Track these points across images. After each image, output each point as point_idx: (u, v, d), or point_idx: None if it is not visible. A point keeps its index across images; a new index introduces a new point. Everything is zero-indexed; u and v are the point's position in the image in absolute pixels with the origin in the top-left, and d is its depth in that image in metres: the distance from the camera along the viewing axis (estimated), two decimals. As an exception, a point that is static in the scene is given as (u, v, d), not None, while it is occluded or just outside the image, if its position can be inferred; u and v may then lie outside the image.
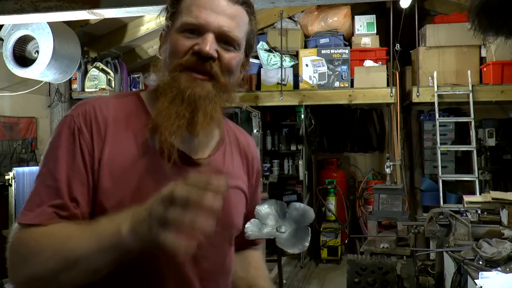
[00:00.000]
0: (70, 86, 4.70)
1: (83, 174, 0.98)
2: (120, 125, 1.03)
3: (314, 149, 6.38)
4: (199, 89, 1.00)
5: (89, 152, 0.99)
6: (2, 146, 3.97)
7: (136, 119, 1.05)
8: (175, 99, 1.00)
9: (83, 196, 0.97)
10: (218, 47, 1.01)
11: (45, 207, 0.94)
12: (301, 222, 0.92)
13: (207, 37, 0.99)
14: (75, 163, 0.98)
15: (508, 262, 2.30)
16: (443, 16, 5.59)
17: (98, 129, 1.00)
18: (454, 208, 3.39)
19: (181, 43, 1.01)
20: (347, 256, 3.67)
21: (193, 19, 1.00)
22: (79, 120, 1.01)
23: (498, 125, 5.60)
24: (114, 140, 1.01)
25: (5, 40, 3.85)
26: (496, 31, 1.00)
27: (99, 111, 1.02)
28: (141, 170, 1.00)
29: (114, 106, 1.05)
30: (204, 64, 1.00)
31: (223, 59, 1.02)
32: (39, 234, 0.92)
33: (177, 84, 1.00)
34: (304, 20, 5.79)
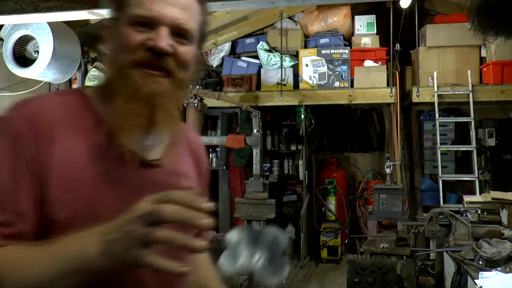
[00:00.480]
0: (70, 86, 4.70)
1: (27, 184, 0.87)
2: (67, 127, 0.93)
3: (314, 149, 6.38)
4: (156, 86, 0.93)
5: (34, 159, 0.88)
6: (2, 146, 3.98)
7: (84, 120, 0.95)
8: (131, 97, 0.92)
9: (30, 209, 0.87)
10: (173, 41, 0.94)
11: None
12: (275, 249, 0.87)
13: (161, 31, 0.93)
14: (17, 172, 0.87)
15: (508, 262, 2.30)
16: (443, 16, 5.59)
17: (43, 132, 0.90)
18: (454, 208, 3.39)
19: (132, 37, 0.93)
20: (347, 256, 3.67)
21: (145, 11, 0.93)
22: (19, 124, 0.89)
23: (498, 125, 5.60)
24: (62, 144, 0.90)
25: (5, 40, 3.85)
26: (496, 31, 1.00)
27: (44, 112, 0.92)
28: (94, 176, 0.91)
29: (60, 106, 0.95)
30: (159, 60, 0.93)
31: (179, 53, 0.95)
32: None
33: (131, 81, 0.92)
34: (304, 20, 5.79)
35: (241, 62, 5.85)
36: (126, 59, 0.93)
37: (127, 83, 0.92)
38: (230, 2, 2.79)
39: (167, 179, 1.00)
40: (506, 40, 1.02)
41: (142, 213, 0.74)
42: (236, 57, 6.01)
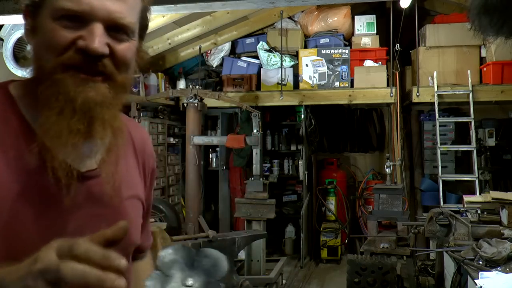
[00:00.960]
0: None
1: None
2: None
3: (314, 149, 6.38)
4: (93, 94, 0.78)
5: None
6: (2, 146, 3.97)
7: (5, 125, 0.81)
8: (64, 109, 0.77)
9: None
10: (109, 39, 0.79)
11: None
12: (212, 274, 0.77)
13: (95, 29, 0.77)
14: None
15: (508, 262, 2.30)
16: (443, 16, 5.59)
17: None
18: (454, 208, 3.39)
19: (58, 35, 0.77)
20: (347, 256, 3.67)
21: (73, 4, 0.76)
22: None
23: (498, 125, 5.60)
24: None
25: (5, 40, 3.85)
26: (496, 31, 1.00)
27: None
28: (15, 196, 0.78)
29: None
30: (94, 64, 0.78)
31: (117, 52, 0.81)
32: None
33: (63, 89, 0.77)
34: (304, 20, 5.79)
35: (241, 62, 5.85)
36: (53, 61, 0.78)
37: (57, 91, 0.77)
38: (230, 2, 2.79)
39: (104, 190, 0.87)
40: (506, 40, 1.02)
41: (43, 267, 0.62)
42: (236, 57, 6.01)
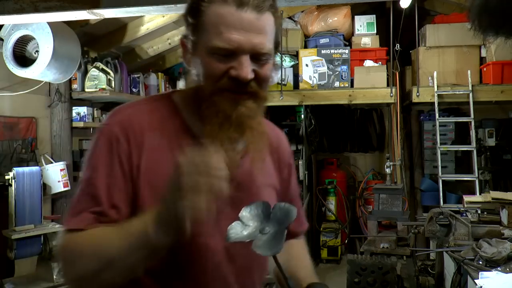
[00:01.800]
0: (70, 86, 4.70)
1: (121, 181, 1.00)
2: (155, 132, 1.04)
3: (314, 149, 6.38)
4: (243, 110, 1.00)
5: (127, 160, 1.01)
6: (2, 146, 3.97)
7: (170, 124, 1.06)
8: (223, 123, 1.00)
9: (122, 203, 1.00)
10: (253, 65, 0.99)
11: (85, 214, 0.98)
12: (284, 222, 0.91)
13: (243, 61, 0.97)
14: (113, 170, 1.00)
15: (508, 262, 2.30)
16: (443, 16, 5.59)
17: (135, 137, 1.02)
18: (454, 208, 3.39)
19: (214, 66, 0.99)
20: (347, 256, 3.67)
21: (225, 43, 0.96)
22: (116, 130, 1.02)
23: (498, 125, 5.59)
24: (150, 148, 1.02)
25: (5, 40, 3.85)
26: (496, 31, 1.00)
27: (135, 119, 1.04)
28: None
29: (148, 113, 1.07)
30: (244, 87, 0.99)
31: (260, 74, 1.01)
32: (80, 238, 0.96)
33: (221, 108, 1.00)
34: (304, 20, 5.78)
35: (241, 62, 5.84)
36: (212, 86, 1.00)
37: (217, 110, 1.00)
38: (230, 2, 2.78)
39: (243, 178, 1.09)
40: (506, 40, 1.02)
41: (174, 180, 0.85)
42: (236, 57, 6.01)
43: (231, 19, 0.96)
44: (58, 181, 4.17)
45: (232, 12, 0.96)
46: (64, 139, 4.59)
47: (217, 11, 0.97)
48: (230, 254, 1.06)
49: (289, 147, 1.33)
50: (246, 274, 1.11)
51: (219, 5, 0.97)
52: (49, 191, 4.16)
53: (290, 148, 1.33)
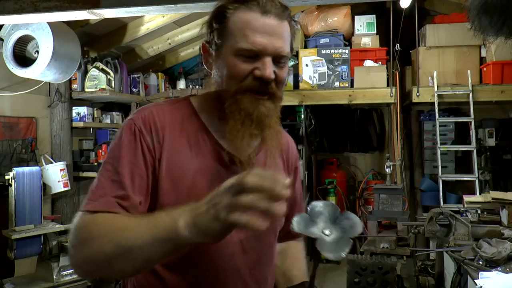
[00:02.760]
0: (70, 86, 4.70)
1: (143, 170, 1.07)
2: (175, 129, 1.12)
3: (314, 149, 6.38)
4: (263, 109, 1.09)
5: (149, 152, 1.08)
6: (2, 146, 3.97)
7: (189, 123, 1.15)
8: (245, 121, 1.09)
9: (143, 190, 1.06)
10: (274, 67, 1.08)
11: (108, 197, 1.03)
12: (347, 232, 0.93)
13: (267, 62, 1.06)
14: (137, 159, 1.07)
15: (508, 262, 2.30)
16: (443, 16, 5.59)
17: (157, 132, 1.10)
18: (454, 208, 3.39)
19: (240, 67, 1.07)
20: (347, 256, 3.67)
21: (250, 45, 1.05)
22: (140, 123, 1.11)
23: (498, 125, 5.59)
24: (171, 143, 1.10)
25: (5, 40, 3.85)
26: (496, 31, 1.00)
27: (157, 117, 1.12)
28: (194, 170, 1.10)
29: (169, 112, 1.15)
30: (266, 87, 1.08)
31: (279, 76, 1.10)
32: (100, 220, 0.99)
33: (243, 106, 1.08)
34: (304, 20, 5.78)
35: (241, 62, 5.84)
36: (236, 86, 1.08)
37: (240, 108, 1.09)
38: (230, 2, 2.78)
39: None
40: (506, 40, 1.02)
41: (227, 185, 0.84)
42: (236, 57, 6.00)
43: (256, 24, 1.06)
44: (58, 181, 4.17)
45: (257, 18, 1.06)
46: (64, 139, 4.59)
47: (242, 16, 1.07)
48: (244, 247, 1.13)
49: (297, 152, 1.43)
50: (259, 267, 1.17)
51: (245, 12, 1.07)
52: (49, 191, 4.16)
53: (297, 153, 1.43)
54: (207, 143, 1.14)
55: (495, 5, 0.95)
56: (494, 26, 0.98)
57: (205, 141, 1.14)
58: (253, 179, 0.82)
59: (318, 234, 0.92)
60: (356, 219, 0.96)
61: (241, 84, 1.08)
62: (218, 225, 0.83)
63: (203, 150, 1.13)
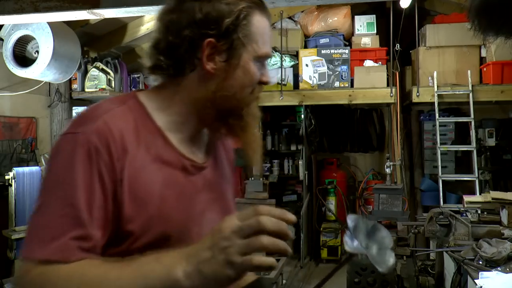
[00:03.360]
0: (70, 86, 4.70)
1: (102, 199, 0.89)
2: (132, 138, 0.95)
3: (314, 149, 6.38)
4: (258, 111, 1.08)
5: (109, 174, 0.90)
6: (2, 146, 3.97)
7: (145, 129, 0.98)
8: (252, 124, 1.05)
9: (102, 223, 0.89)
10: None
11: (66, 240, 0.83)
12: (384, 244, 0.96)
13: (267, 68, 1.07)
14: (94, 187, 0.88)
15: (508, 262, 2.30)
16: (443, 16, 5.59)
17: (116, 148, 0.91)
18: (454, 208, 3.39)
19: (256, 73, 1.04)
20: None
21: (267, 51, 1.04)
22: (94, 139, 0.90)
23: (498, 125, 5.59)
24: (131, 158, 0.93)
25: (5, 40, 3.85)
26: (496, 31, 1.00)
27: (113, 127, 0.93)
28: (160, 185, 0.96)
29: (122, 117, 0.96)
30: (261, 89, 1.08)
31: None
32: (65, 274, 0.81)
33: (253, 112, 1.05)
34: (304, 20, 5.78)
35: (241, 62, 5.84)
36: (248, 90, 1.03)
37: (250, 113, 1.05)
38: (230, 2, 2.78)
39: (214, 178, 1.09)
40: (506, 40, 1.01)
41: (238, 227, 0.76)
42: (236, 57, 6.00)
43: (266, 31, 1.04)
44: (58, 181, 4.17)
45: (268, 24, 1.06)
46: (64, 139, 4.59)
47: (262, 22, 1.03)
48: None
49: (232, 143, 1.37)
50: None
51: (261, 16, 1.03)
52: (49, 191, 4.15)
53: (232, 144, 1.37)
54: (167, 151, 0.99)
55: (495, 5, 0.95)
56: (494, 26, 0.98)
57: (165, 149, 0.99)
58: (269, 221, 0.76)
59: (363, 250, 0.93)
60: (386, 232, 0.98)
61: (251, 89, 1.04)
62: (232, 271, 0.75)
63: (165, 159, 0.98)
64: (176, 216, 0.90)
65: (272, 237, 0.76)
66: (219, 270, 0.76)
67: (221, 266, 0.75)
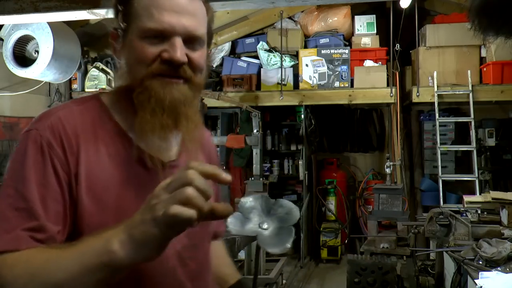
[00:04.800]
0: (70, 86, 4.70)
1: (57, 192, 0.90)
2: (88, 136, 0.96)
3: (314, 149, 6.38)
4: (177, 94, 0.96)
5: (63, 168, 0.91)
6: (2, 146, 3.97)
7: (102, 127, 0.98)
8: (155, 109, 0.95)
9: (59, 215, 0.89)
10: (186, 49, 0.96)
11: (18, 232, 0.85)
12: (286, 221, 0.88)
13: (176, 42, 0.94)
14: (47, 180, 0.89)
15: (508, 262, 2.30)
16: (443, 16, 5.59)
17: (69, 143, 0.93)
18: (454, 208, 3.39)
19: (146, 50, 0.95)
20: (347, 256, 3.67)
21: (156, 24, 0.94)
22: (47, 134, 0.92)
23: (498, 125, 5.59)
24: (86, 153, 0.94)
25: (5, 40, 3.85)
26: (496, 31, 1.00)
27: (66, 123, 0.94)
28: (118, 182, 0.95)
29: (79, 116, 0.98)
30: (177, 70, 0.96)
31: (193, 60, 0.98)
32: (11, 260, 0.83)
33: (153, 92, 0.94)
34: (304, 20, 5.78)
35: (241, 62, 5.85)
36: (144, 71, 0.95)
37: (149, 95, 0.95)
38: (230, 2, 2.79)
39: None
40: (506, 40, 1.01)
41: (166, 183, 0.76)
42: (236, 57, 6.01)
43: (163, 2, 0.94)
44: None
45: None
46: (64, 139, 4.59)
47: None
48: (182, 258, 1.01)
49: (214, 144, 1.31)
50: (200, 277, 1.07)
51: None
52: (49, 191, 4.16)
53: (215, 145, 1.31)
54: (126, 147, 0.98)
55: (495, 5, 0.95)
56: (494, 26, 0.98)
57: (123, 145, 0.98)
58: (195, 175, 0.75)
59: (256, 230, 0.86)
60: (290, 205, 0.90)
61: (148, 69, 0.95)
62: (157, 229, 0.74)
63: (123, 156, 0.97)
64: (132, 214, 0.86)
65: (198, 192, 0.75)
66: (147, 231, 0.75)
67: (148, 226, 0.75)
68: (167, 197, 0.75)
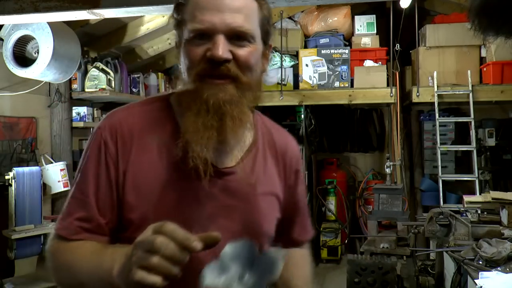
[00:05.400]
0: (70, 86, 4.70)
1: (107, 187, 1.00)
2: (145, 135, 1.02)
3: (314, 149, 6.38)
4: (222, 94, 0.95)
5: (114, 166, 1.00)
6: (2, 146, 3.97)
7: (162, 128, 1.03)
8: (200, 110, 0.96)
9: (109, 209, 1.00)
10: (231, 46, 0.95)
11: (71, 220, 1.00)
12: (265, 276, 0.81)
13: (217, 39, 0.94)
14: (100, 175, 1.00)
15: (508, 262, 2.30)
16: (443, 16, 5.59)
17: (124, 143, 1.01)
18: (454, 208, 3.39)
19: (193, 52, 0.96)
20: (347, 256, 3.67)
21: (198, 24, 0.95)
22: (106, 133, 1.02)
23: (498, 125, 5.59)
24: (138, 152, 1.01)
25: (5, 40, 3.85)
26: (496, 31, 1.00)
27: (125, 124, 1.02)
28: (163, 183, 0.99)
29: (141, 115, 1.05)
30: (220, 69, 0.95)
31: (239, 57, 0.96)
32: (62, 249, 0.99)
33: (199, 94, 0.96)
34: (304, 20, 5.78)
35: (241, 62, 5.84)
36: (192, 73, 0.97)
37: (195, 97, 0.96)
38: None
39: (239, 186, 1.04)
40: (506, 40, 1.01)
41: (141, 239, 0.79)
42: (236, 57, 6.00)
43: (205, 2, 0.96)
44: (58, 181, 4.17)
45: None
46: (64, 139, 4.59)
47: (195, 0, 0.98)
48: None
49: (298, 152, 1.28)
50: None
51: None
52: (49, 191, 4.16)
53: (299, 153, 1.28)
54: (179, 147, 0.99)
55: (495, 5, 0.95)
56: (494, 26, 0.98)
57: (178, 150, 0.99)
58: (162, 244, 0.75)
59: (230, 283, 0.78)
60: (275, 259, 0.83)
61: (195, 70, 0.96)
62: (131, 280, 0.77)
63: (175, 160, 0.99)
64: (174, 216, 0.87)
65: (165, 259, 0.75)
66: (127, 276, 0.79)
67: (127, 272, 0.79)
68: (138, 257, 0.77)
